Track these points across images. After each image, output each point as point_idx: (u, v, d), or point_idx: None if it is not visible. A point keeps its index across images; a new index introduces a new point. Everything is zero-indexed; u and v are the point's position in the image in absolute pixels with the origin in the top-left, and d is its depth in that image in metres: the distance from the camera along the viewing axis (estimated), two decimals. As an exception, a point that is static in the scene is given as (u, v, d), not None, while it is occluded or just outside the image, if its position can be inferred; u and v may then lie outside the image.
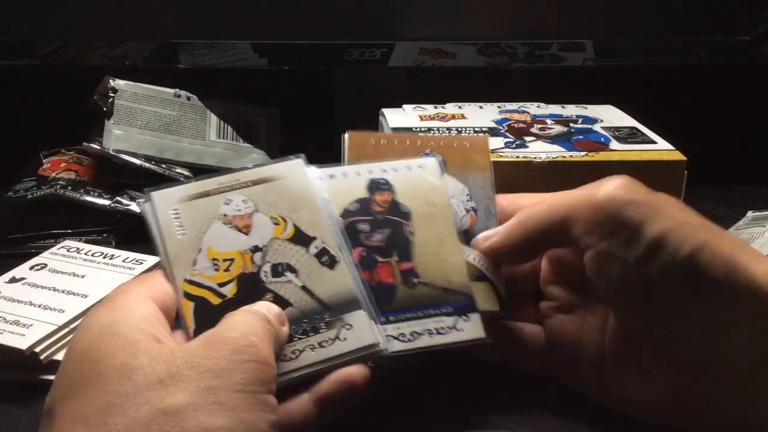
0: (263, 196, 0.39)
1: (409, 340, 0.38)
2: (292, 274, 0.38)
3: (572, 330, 0.40)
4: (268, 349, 0.32)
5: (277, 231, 0.38)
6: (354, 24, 0.67)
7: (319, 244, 0.38)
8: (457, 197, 0.43)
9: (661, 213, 0.34)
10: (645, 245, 0.34)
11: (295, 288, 0.37)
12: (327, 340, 0.36)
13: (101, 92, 0.64)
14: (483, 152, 0.45)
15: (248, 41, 0.66)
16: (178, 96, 0.67)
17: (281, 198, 0.39)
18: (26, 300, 0.45)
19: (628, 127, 0.56)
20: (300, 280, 0.37)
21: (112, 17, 0.66)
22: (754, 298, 0.32)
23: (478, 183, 0.44)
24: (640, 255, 0.34)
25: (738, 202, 0.66)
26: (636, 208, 0.34)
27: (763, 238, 0.54)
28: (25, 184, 0.61)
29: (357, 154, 0.44)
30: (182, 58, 0.66)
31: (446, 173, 0.43)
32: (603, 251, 0.35)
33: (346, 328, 0.37)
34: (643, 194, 0.35)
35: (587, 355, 0.39)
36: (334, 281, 0.38)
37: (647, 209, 0.34)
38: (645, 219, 0.34)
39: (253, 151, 0.69)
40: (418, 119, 0.57)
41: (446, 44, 0.67)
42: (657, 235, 0.33)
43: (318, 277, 0.38)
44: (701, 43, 0.68)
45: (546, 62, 0.68)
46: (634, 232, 0.34)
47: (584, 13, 0.68)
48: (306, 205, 0.39)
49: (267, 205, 0.39)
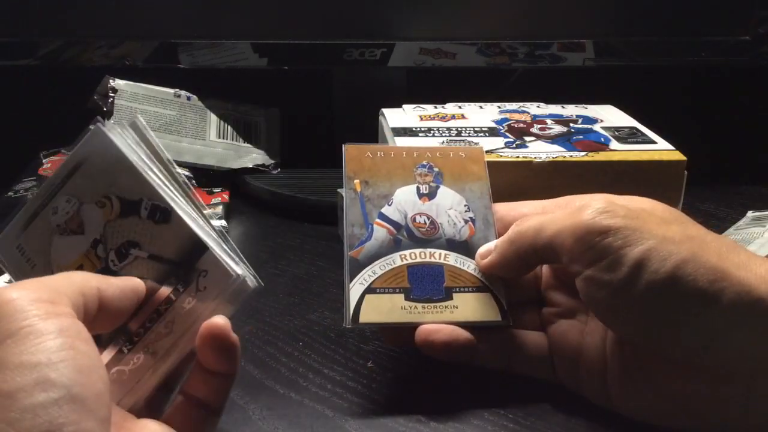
0: (81, 185, 0.36)
1: None
2: (135, 249, 0.35)
3: (574, 335, 0.40)
4: None
5: (106, 213, 0.36)
6: (354, 24, 0.67)
7: (147, 204, 0.35)
8: (455, 208, 0.43)
9: (641, 233, 0.34)
10: (627, 268, 0.34)
11: (143, 261, 0.35)
12: (190, 297, 0.34)
13: (101, 92, 0.64)
14: (479, 163, 0.45)
15: (248, 41, 0.66)
16: (178, 96, 0.68)
17: (97, 177, 0.36)
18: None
19: (628, 127, 0.56)
20: (145, 251, 0.35)
21: (112, 17, 0.66)
22: (745, 302, 0.33)
23: (475, 193, 0.44)
24: (624, 278, 0.34)
25: (738, 202, 0.66)
26: (615, 233, 0.34)
27: (763, 238, 0.54)
28: (25, 184, 0.61)
29: (355, 167, 0.45)
30: (182, 58, 0.66)
31: (443, 185, 0.44)
32: (589, 277, 0.35)
33: (203, 275, 0.34)
34: (621, 217, 0.35)
35: (589, 360, 0.39)
36: (175, 233, 0.35)
37: (626, 233, 0.34)
38: (624, 243, 0.34)
39: (253, 151, 0.69)
40: (418, 119, 0.57)
41: (446, 44, 0.67)
42: (638, 256, 0.34)
43: (160, 238, 0.35)
44: (701, 43, 0.68)
45: (546, 62, 0.68)
46: (616, 258, 0.34)
47: (584, 13, 0.68)
48: (121, 171, 0.36)
49: (88, 192, 0.36)
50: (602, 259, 0.35)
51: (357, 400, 0.40)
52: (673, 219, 0.36)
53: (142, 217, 0.35)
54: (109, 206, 0.36)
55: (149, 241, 0.35)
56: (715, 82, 0.83)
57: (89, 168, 0.37)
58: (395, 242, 0.42)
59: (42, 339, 0.27)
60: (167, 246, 0.35)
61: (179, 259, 0.35)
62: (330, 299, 0.51)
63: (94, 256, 0.36)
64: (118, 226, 0.36)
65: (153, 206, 0.35)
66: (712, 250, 0.34)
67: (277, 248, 0.58)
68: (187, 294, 0.34)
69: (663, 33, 0.68)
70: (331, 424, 0.38)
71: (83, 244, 0.36)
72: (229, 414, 0.39)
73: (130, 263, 0.35)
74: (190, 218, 0.35)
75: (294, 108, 0.75)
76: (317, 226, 0.62)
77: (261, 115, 0.73)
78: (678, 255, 0.33)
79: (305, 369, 0.43)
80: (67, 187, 0.37)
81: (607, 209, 0.35)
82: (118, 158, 0.36)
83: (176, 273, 0.34)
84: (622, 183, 0.42)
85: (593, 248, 0.35)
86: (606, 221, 0.35)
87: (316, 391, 0.41)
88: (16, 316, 0.27)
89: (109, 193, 0.36)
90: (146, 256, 0.35)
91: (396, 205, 0.44)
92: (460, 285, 0.41)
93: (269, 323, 0.48)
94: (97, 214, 0.36)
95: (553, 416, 0.39)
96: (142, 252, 0.35)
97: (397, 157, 0.45)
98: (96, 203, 0.36)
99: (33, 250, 0.37)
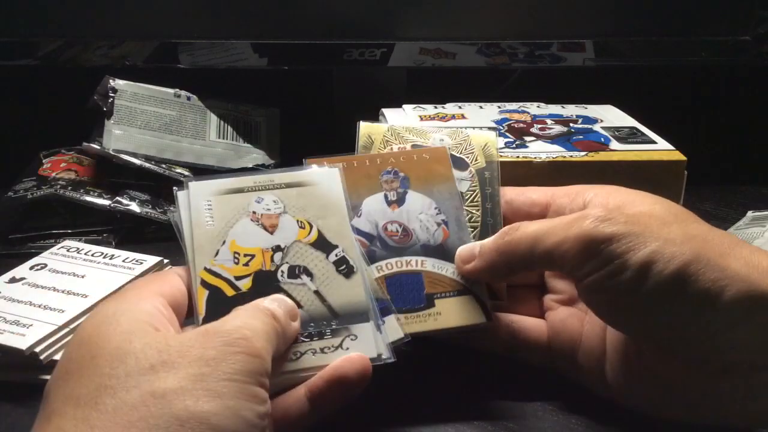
0: (294, 199, 0.40)
1: None
2: (308, 278, 0.38)
3: (574, 323, 0.40)
4: (262, 343, 0.33)
5: (301, 234, 0.39)
6: (354, 24, 0.67)
7: (339, 252, 0.39)
8: (425, 212, 0.43)
9: (644, 237, 0.34)
10: (632, 273, 0.34)
11: (308, 291, 0.38)
12: (330, 346, 0.37)
13: (101, 92, 0.64)
14: (444, 162, 0.44)
15: (248, 41, 0.66)
16: (178, 96, 0.67)
17: (311, 203, 0.40)
18: (26, 300, 0.45)
19: (628, 127, 0.56)
20: (314, 285, 0.38)
21: (112, 17, 0.66)
22: (748, 296, 0.33)
23: (443, 194, 0.43)
24: (629, 282, 0.34)
25: (738, 202, 0.66)
26: (618, 240, 0.34)
27: (763, 238, 0.54)
28: (25, 184, 0.61)
29: None
30: (182, 58, 0.66)
31: (410, 189, 0.43)
32: (593, 282, 0.35)
33: (351, 338, 0.37)
34: (623, 224, 0.35)
35: (588, 348, 0.39)
36: (347, 291, 0.38)
37: (629, 238, 0.34)
38: (628, 248, 0.34)
39: (253, 151, 0.69)
40: (418, 119, 0.57)
41: (446, 44, 0.67)
42: (643, 260, 0.34)
43: (332, 285, 0.38)
44: (701, 43, 0.68)
45: (546, 62, 0.68)
46: (620, 263, 0.34)
47: (584, 13, 0.68)
48: (334, 213, 0.40)
49: (296, 208, 0.40)
50: (606, 265, 0.35)
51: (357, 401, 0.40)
52: (673, 219, 0.36)
53: (328, 259, 0.39)
54: (307, 230, 0.40)
55: (322, 280, 0.38)
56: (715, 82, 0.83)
57: (310, 192, 0.40)
58: (369, 254, 0.41)
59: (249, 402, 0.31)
60: (335, 295, 0.38)
61: (340, 312, 0.38)
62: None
63: (269, 256, 0.39)
64: (304, 250, 0.39)
65: (343, 257, 0.39)
66: (714, 247, 0.34)
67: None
68: (329, 343, 0.37)
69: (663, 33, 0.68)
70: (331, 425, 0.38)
71: (266, 241, 0.39)
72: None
73: (296, 285, 0.38)
74: (365, 287, 0.39)
75: (294, 108, 0.75)
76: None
77: (261, 115, 0.73)
78: (681, 256, 0.33)
79: (305, 369, 0.43)
80: (282, 191, 0.40)
81: (607, 217, 0.35)
82: (338, 201, 0.40)
83: (330, 321, 0.37)
84: (622, 183, 0.42)
85: (597, 256, 0.35)
86: (608, 229, 0.35)
87: (316, 391, 0.41)
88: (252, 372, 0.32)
89: (313, 221, 0.40)
90: (313, 290, 0.38)
91: (365, 215, 0.42)
92: (440, 291, 0.41)
93: (269, 323, 0.48)
94: (293, 229, 0.39)
95: (553, 417, 0.39)
96: (312, 284, 0.38)
97: (360, 166, 0.44)
98: (297, 221, 0.40)
99: (219, 213, 0.39)
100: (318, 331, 0.37)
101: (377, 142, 0.46)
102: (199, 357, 0.31)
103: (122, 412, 0.29)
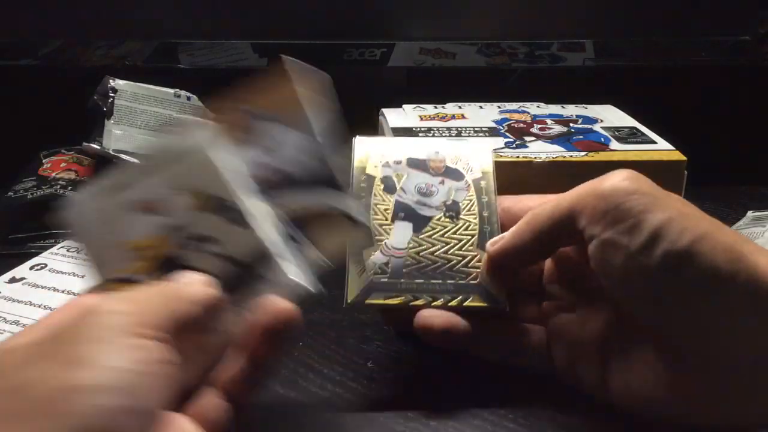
0: (174, 173, 0.38)
1: None
2: (209, 244, 0.37)
3: (574, 328, 0.40)
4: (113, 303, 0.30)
5: (190, 205, 0.38)
6: (354, 24, 0.67)
7: (233, 206, 0.37)
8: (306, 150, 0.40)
9: (664, 204, 0.35)
10: (647, 233, 0.34)
11: (213, 257, 0.37)
12: (249, 299, 0.35)
13: (101, 92, 0.64)
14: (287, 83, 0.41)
15: (248, 41, 0.66)
16: (178, 96, 0.67)
17: (194, 171, 0.38)
18: (26, 300, 0.45)
19: (628, 127, 0.56)
20: (218, 248, 0.37)
21: (112, 17, 0.66)
22: (757, 287, 0.33)
23: None
24: (642, 243, 0.34)
25: (738, 202, 0.66)
26: (639, 198, 0.35)
27: (763, 238, 0.54)
28: (25, 184, 0.61)
29: None
30: (182, 58, 0.66)
31: None
32: (606, 240, 0.35)
33: (264, 283, 0.36)
34: (647, 186, 0.36)
35: (589, 353, 0.39)
36: (248, 240, 0.37)
37: (650, 199, 0.35)
38: (647, 208, 0.34)
39: (253, 151, 0.69)
40: (418, 119, 0.57)
41: (446, 44, 0.67)
42: (658, 223, 0.34)
43: (234, 240, 0.37)
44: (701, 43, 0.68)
45: (546, 62, 0.68)
46: (637, 221, 0.34)
47: (584, 13, 0.68)
48: (214, 170, 0.38)
49: (179, 181, 0.38)
50: (622, 221, 0.35)
51: (357, 400, 0.40)
52: (689, 203, 0.36)
53: (222, 217, 0.37)
54: (195, 199, 0.37)
55: (224, 240, 0.37)
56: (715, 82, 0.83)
57: (186, 159, 0.38)
58: None
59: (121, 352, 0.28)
60: (239, 248, 0.36)
61: (247, 262, 0.36)
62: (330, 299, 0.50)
63: (168, 240, 0.37)
64: (198, 219, 0.37)
65: (235, 208, 0.37)
66: (728, 232, 0.34)
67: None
68: (245, 297, 0.35)
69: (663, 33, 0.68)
70: (331, 424, 0.38)
71: (161, 226, 0.37)
72: (229, 414, 0.39)
73: (201, 256, 0.37)
74: (267, 227, 0.37)
75: (294, 108, 0.75)
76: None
77: (261, 115, 0.73)
78: (697, 229, 0.33)
79: (305, 369, 0.43)
80: (161, 171, 0.38)
81: (631, 176, 0.36)
82: (215, 157, 0.38)
83: (240, 275, 0.36)
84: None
85: (616, 209, 0.35)
86: (631, 185, 0.36)
87: (316, 391, 0.41)
88: (103, 327, 0.28)
89: (198, 187, 0.38)
90: (217, 253, 0.37)
91: None
92: None
93: (269, 323, 0.48)
94: (182, 203, 0.38)
95: (553, 416, 0.39)
96: (215, 248, 0.37)
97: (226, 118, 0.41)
98: (183, 193, 0.38)
99: (109, 218, 0.38)
100: (235, 288, 0.36)
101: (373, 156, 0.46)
102: None
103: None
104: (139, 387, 0.27)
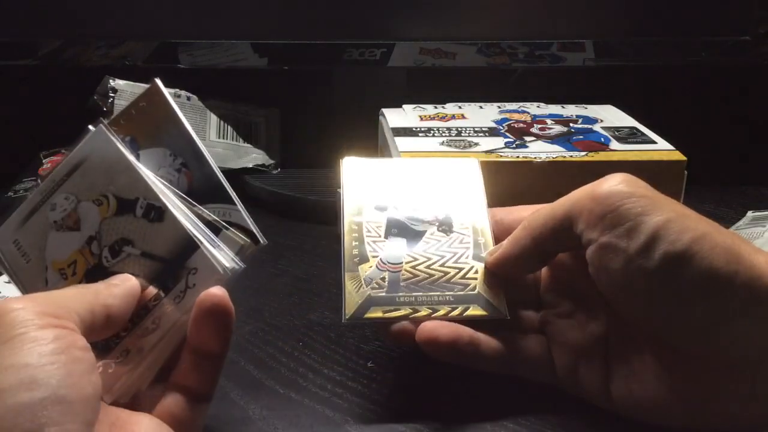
0: (80, 183, 0.38)
1: None
2: (128, 246, 0.36)
3: (573, 335, 0.40)
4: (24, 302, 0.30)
5: (102, 211, 0.37)
6: (354, 24, 0.67)
7: (142, 203, 0.36)
8: (165, 167, 0.38)
9: (661, 206, 0.35)
10: (645, 235, 0.34)
11: (136, 258, 0.36)
12: (179, 294, 0.35)
13: (101, 92, 0.64)
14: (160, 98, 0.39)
15: (248, 41, 0.66)
16: (178, 96, 0.67)
17: (96, 176, 0.37)
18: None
19: (628, 127, 0.56)
20: (137, 248, 0.36)
21: (112, 17, 0.66)
22: (756, 288, 0.33)
23: (172, 135, 0.38)
24: (641, 245, 0.34)
25: (738, 202, 0.66)
26: (636, 200, 0.35)
27: (763, 238, 0.54)
28: (25, 184, 0.61)
29: None
30: (182, 58, 0.66)
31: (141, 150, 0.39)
32: (605, 243, 0.35)
33: (192, 273, 0.35)
34: (643, 189, 0.36)
35: (589, 359, 0.39)
36: (167, 232, 0.36)
37: (647, 202, 0.35)
38: (645, 211, 0.34)
39: (253, 151, 0.70)
40: (418, 119, 0.57)
41: (446, 44, 0.67)
42: (656, 225, 0.34)
43: (152, 236, 0.36)
44: (701, 43, 0.68)
45: (546, 62, 0.68)
46: (635, 224, 0.34)
47: (584, 13, 0.68)
48: (120, 170, 0.37)
49: (86, 190, 0.37)
50: (620, 224, 0.35)
51: (357, 400, 0.40)
52: (685, 207, 0.36)
53: (137, 216, 0.36)
54: (105, 204, 0.37)
55: (143, 239, 0.36)
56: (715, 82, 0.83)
57: (89, 166, 0.38)
58: None
59: (35, 344, 0.28)
60: (160, 244, 0.36)
61: (170, 257, 0.36)
62: (330, 299, 0.51)
63: (88, 252, 0.37)
64: (113, 223, 0.37)
65: (148, 205, 0.36)
66: (726, 233, 0.34)
67: (277, 248, 0.58)
68: (176, 291, 0.35)
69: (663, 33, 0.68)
70: (331, 424, 0.38)
71: (78, 240, 0.37)
72: (229, 414, 0.39)
73: (123, 260, 0.36)
74: (182, 217, 0.36)
75: (294, 108, 0.75)
76: (317, 226, 0.62)
77: (261, 115, 0.73)
78: (695, 230, 0.33)
79: (305, 369, 0.43)
80: (67, 184, 0.38)
81: (627, 179, 0.36)
82: (117, 157, 0.37)
83: (167, 270, 0.35)
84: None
85: (613, 212, 0.35)
86: (627, 188, 0.36)
87: (316, 391, 0.41)
88: (15, 325, 0.28)
89: (106, 192, 0.37)
90: (139, 254, 0.36)
91: None
92: None
93: (269, 323, 0.48)
94: (94, 211, 0.37)
95: (553, 417, 0.39)
96: (135, 249, 0.36)
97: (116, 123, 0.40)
98: (93, 201, 0.37)
99: (29, 245, 0.38)
100: (163, 286, 0.35)
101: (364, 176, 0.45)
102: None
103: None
104: (59, 376, 0.27)
